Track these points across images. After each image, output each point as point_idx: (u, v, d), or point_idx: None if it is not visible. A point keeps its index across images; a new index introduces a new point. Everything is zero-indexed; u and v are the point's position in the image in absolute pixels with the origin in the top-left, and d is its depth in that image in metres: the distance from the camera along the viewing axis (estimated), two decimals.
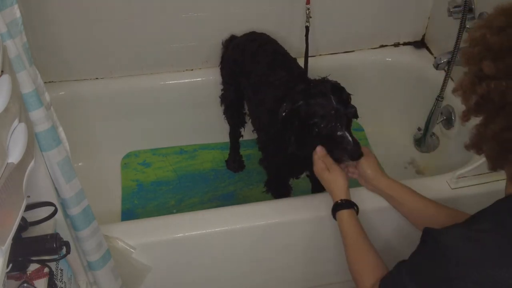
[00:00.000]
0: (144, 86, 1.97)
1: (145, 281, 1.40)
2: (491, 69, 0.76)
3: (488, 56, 0.78)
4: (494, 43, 0.77)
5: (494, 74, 0.76)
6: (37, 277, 1.02)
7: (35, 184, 1.02)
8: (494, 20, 0.79)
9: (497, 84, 0.75)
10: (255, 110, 1.63)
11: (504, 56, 0.76)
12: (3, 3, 0.84)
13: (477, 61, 0.80)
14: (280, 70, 1.54)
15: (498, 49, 0.76)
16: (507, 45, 0.76)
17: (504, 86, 0.75)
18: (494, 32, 0.78)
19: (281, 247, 1.48)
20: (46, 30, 1.77)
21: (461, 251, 0.77)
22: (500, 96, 0.76)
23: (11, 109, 0.80)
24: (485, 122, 0.81)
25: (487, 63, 0.77)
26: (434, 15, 2.00)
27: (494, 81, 0.76)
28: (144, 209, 1.94)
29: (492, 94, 0.77)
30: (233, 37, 1.87)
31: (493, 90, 0.76)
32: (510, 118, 0.76)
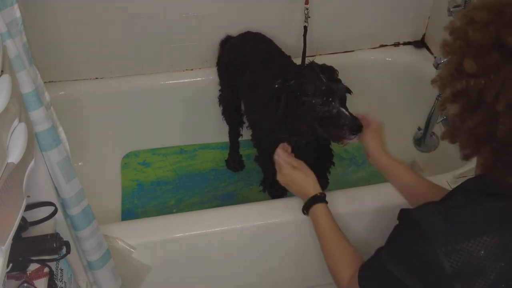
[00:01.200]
0: (144, 86, 1.97)
1: (145, 281, 1.40)
2: (473, 67, 0.76)
3: (469, 53, 0.78)
4: (476, 39, 0.76)
5: (474, 72, 0.76)
6: (37, 277, 1.02)
7: (35, 184, 1.02)
8: (477, 14, 0.78)
9: (476, 82, 0.76)
10: (250, 107, 1.64)
11: (484, 53, 0.75)
12: (3, 3, 0.84)
13: (458, 56, 0.80)
14: (274, 67, 1.55)
15: (479, 46, 0.76)
16: (488, 42, 0.75)
17: (482, 84, 0.75)
18: (477, 27, 0.77)
19: (281, 246, 1.48)
20: (46, 30, 1.77)
21: (431, 225, 0.80)
22: (477, 93, 0.76)
23: (11, 109, 0.80)
24: (461, 117, 0.81)
25: (469, 61, 0.76)
26: (434, 15, 2.00)
27: (473, 79, 0.76)
28: (144, 209, 1.94)
29: (470, 91, 0.77)
30: (228, 37, 1.88)
31: (471, 87, 0.77)
32: (486, 116, 0.76)
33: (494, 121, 0.75)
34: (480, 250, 0.76)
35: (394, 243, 0.88)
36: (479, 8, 0.79)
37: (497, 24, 0.75)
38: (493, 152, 0.77)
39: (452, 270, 0.76)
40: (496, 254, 0.76)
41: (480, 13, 0.77)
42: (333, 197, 1.34)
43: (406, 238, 0.84)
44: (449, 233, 0.78)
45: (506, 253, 0.77)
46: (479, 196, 0.82)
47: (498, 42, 0.74)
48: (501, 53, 0.74)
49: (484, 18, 0.77)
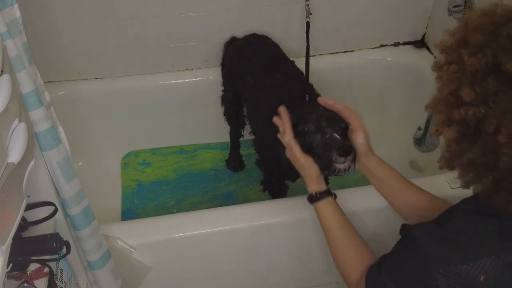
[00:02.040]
0: (144, 86, 1.97)
1: (145, 281, 1.40)
2: (470, 96, 0.73)
3: (465, 80, 0.74)
4: (472, 65, 0.73)
5: (472, 100, 0.73)
6: (37, 277, 1.02)
7: (35, 184, 1.02)
8: (471, 36, 0.74)
9: (475, 111, 0.72)
10: (252, 113, 1.63)
11: (481, 80, 0.72)
12: (3, 3, 0.84)
13: (452, 82, 0.77)
14: (276, 73, 1.54)
15: (475, 72, 0.73)
16: (484, 67, 0.72)
17: (482, 113, 0.72)
18: (472, 52, 0.73)
19: (281, 246, 1.48)
20: (46, 30, 1.77)
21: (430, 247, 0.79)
22: (477, 123, 0.73)
23: (11, 109, 0.80)
24: (459, 144, 0.78)
25: (466, 90, 0.73)
26: (434, 15, 2.00)
27: (472, 108, 0.73)
28: (144, 209, 1.94)
29: (469, 120, 0.74)
30: (233, 38, 1.87)
31: (470, 117, 0.73)
32: (487, 147, 0.73)
33: (495, 152, 0.72)
34: (479, 275, 0.75)
35: (394, 261, 0.88)
36: (473, 29, 0.75)
37: (493, 49, 0.72)
38: (494, 181, 0.75)
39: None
40: (496, 279, 0.75)
41: (474, 35, 0.74)
42: None
43: (405, 258, 0.84)
44: (447, 256, 0.78)
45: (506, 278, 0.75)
46: (476, 217, 0.80)
47: (495, 67, 0.71)
48: (499, 80, 0.71)
49: (478, 41, 0.73)
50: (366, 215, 1.41)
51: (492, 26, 0.74)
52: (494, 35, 0.73)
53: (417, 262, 0.80)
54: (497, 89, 0.71)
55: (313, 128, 1.19)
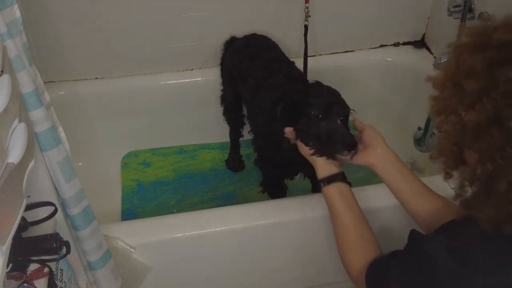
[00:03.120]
0: (144, 86, 1.97)
1: (145, 281, 1.40)
2: (475, 158, 0.68)
3: (467, 137, 0.68)
4: (471, 120, 0.66)
5: (477, 160, 0.68)
6: (37, 277, 1.02)
7: (35, 184, 1.02)
8: (465, 84, 0.67)
9: (483, 170, 0.67)
10: (253, 113, 1.63)
11: (483, 133, 0.66)
12: (3, 3, 0.84)
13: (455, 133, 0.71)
14: (277, 74, 1.54)
15: (477, 127, 0.67)
16: (485, 120, 0.65)
17: (490, 170, 0.67)
18: (468, 105, 0.67)
19: (281, 246, 1.48)
20: (46, 30, 1.77)
21: (442, 262, 0.76)
22: (487, 179, 0.68)
23: (11, 109, 0.80)
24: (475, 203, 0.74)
25: (469, 153, 0.68)
26: (434, 15, 2.00)
27: (480, 166, 0.68)
28: (144, 209, 1.94)
29: (479, 176, 0.69)
30: (233, 38, 1.87)
31: (479, 175, 0.69)
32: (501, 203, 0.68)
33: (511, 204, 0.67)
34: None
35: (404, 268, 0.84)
36: (466, 73, 0.68)
37: (493, 99, 0.64)
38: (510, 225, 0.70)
39: None
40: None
41: (469, 82, 0.67)
42: None
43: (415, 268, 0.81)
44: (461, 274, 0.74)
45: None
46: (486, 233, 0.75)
47: (497, 119, 0.65)
48: (504, 133, 0.65)
49: (475, 89, 0.66)
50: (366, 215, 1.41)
51: (487, 68, 0.66)
52: (491, 80, 0.65)
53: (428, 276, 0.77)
54: (503, 143, 0.65)
55: (319, 113, 1.21)
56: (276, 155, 1.46)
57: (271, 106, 1.36)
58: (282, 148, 1.35)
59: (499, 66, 0.64)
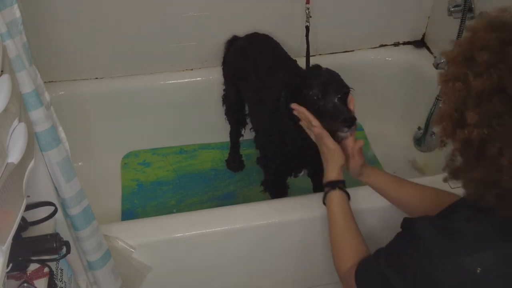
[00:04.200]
0: (144, 86, 1.97)
1: (145, 281, 1.40)
2: (474, 119, 0.73)
3: (470, 101, 0.74)
4: (477, 86, 0.73)
5: (476, 122, 0.73)
6: (37, 277, 1.02)
7: (35, 184, 1.02)
8: (477, 56, 0.74)
9: (478, 133, 0.73)
10: (255, 110, 1.63)
11: (485, 99, 0.72)
12: (3, 3, 0.84)
13: (458, 99, 0.77)
14: (279, 73, 1.55)
15: (480, 93, 0.73)
16: (489, 88, 0.72)
17: (485, 134, 0.72)
18: (477, 72, 0.73)
19: (281, 246, 1.48)
20: (46, 30, 1.77)
21: (431, 241, 0.81)
22: (480, 143, 0.74)
23: (11, 109, 0.80)
24: (464, 165, 0.79)
25: (471, 114, 0.73)
26: (434, 15, 2.00)
27: (476, 129, 0.73)
28: (144, 209, 1.94)
29: (473, 140, 0.74)
30: (235, 37, 1.87)
31: (474, 137, 0.74)
32: (490, 168, 0.74)
33: (498, 171, 0.73)
34: (476, 267, 0.76)
35: (394, 252, 0.89)
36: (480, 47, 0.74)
37: (500, 70, 0.71)
38: (497, 196, 0.75)
39: (448, 284, 0.78)
40: (493, 272, 0.76)
41: (481, 54, 0.73)
42: None
43: (406, 251, 0.85)
44: (448, 250, 0.79)
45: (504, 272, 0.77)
46: (476, 213, 0.81)
47: (500, 88, 0.71)
48: (504, 102, 0.71)
49: (485, 61, 0.72)
50: (365, 214, 1.41)
51: (499, 44, 0.72)
52: (502, 55, 0.72)
53: (418, 256, 0.82)
54: (502, 111, 0.71)
55: (317, 94, 1.23)
56: (280, 150, 1.46)
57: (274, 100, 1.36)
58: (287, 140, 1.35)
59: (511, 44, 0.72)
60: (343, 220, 1.15)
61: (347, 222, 1.15)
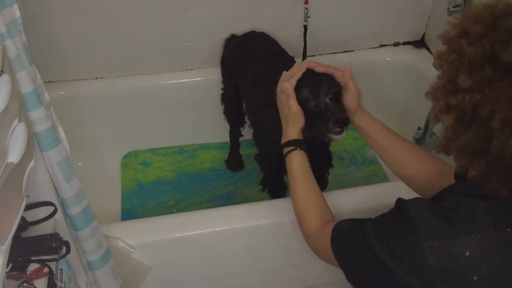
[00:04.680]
0: (144, 86, 1.97)
1: (145, 281, 1.40)
2: (467, 83, 0.76)
3: (463, 68, 0.78)
4: (470, 53, 0.77)
5: (468, 86, 0.76)
6: (37, 277, 1.02)
7: (35, 184, 1.02)
8: (471, 27, 0.78)
9: (471, 97, 0.76)
10: (251, 106, 1.64)
11: (478, 67, 0.76)
12: (3, 3, 0.84)
13: (452, 70, 0.80)
14: (276, 67, 1.55)
15: (473, 60, 0.76)
16: (482, 56, 0.75)
17: (477, 100, 0.75)
18: (470, 41, 0.77)
19: (281, 246, 1.48)
20: (46, 30, 1.77)
21: (422, 219, 0.83)
22: (472, 109, 0.76)
23: (11, 108, 0.80)
24: (455, 130, 0.81)
25: (463, 77, 0.77)
26: (434, 15, 2.00)
27: (468, 94, 0.76)
28: (144, 209, 1.94)
29: (465, 106, 0.77)
30: (233, 36, 1.88)
31: (466, 102, 0.77)
32: (480, 132, 0.77)
33: (488, 137, 0.75)
34: (465, 250, 0.78)
35: (384, 225, 0.90)
36: (473, 21, 0.79)
37: (491, 39, 0.75)
38: (487, 165, 0.78)
39: (435, 265, 0.79)
40: (481, 255, 0.77)
41: (474, 26, 0.78)
42: (334, 196, 1.34)
43: (396, 226, 0.87)
44: (437, 229, 0.81)
45: (493, 255, 0.78)
46: (468, 198, 0.83)
47: (492, 56, 0.75)
48: (494, 68, 0.74)
49: (478, 32, 0.77)
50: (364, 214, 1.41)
51: (491, 18, 0.77)
52: (493, 26, 0.76)
53: (407, 232, 0.83)
54: (492, 76, 0.74)
55: (308, 95, 1.22)
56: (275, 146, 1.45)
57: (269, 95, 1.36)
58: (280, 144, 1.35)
59: (502, 18, 0.76)
60: (305, 179, 1.16)
61: (309, 181, 1.16)
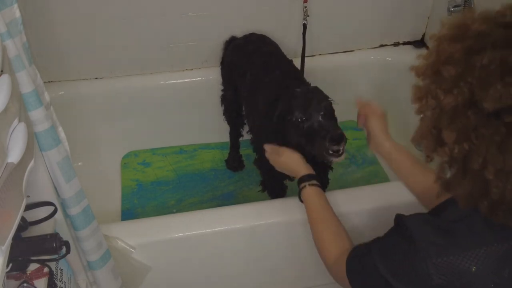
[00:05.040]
0: (144, 86, 1.97)
1: (145, 281, 1.40)
2: (452, 138, 0.71)
3: (444, 119, 0.72)
4: (448, 103, 0.71)
5: (454, 139, 0.72)
6: (37, 277, 1.02)
7: (35, 184, 1.02)
8: (443, 70, 0.72)
9: (459, 149, 0.71)
10: (250, 111, 1.64)
11: (460, 115, 0.70)
12: (3, 3, 0.84)
13: (433, 117, 0.75)
14: (274, 71, 1.55)
15: (454, 109, 0.71)
16: (462, 103, 0.70)
17: (466, 150, 0.71)
18: (446, 89, 0.71)
19: (281, 246, 1.48)
20: (46, 30, 1.77)
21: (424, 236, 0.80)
22: (463, 160, 0.72)
23: (11, 108, 0.80)
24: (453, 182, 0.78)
25: (447, 133, 0.72)
26: (434, 15, 2.00)
27: (456, 146, 0.71)
28: (144, 209, 1.94)
29: (455, 157, 0.73)
30: (233, 38, 1.88)
31: (456, 154, 0.72)
32: (476, 182, 0.73)
33: (486, 185, 0.71)
34: (471, 265, 0.75)
35: (386, 245, 0.89)
36: (445, 60, 0.72)
37: (469, 83, 0.69)
38: (490, 207, 0.74)
39: (440, 283, 0.76)
40: (488, 270, 0.75)
41: (447, 68, 0.71)
42: (334, 196, 1.34)
43: (398, 245, 0.85)
44: (440, 245, 0.78)
45: (500, 270, 0.75)
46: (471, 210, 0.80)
47: (472, 102, 0.69)
48: (478, 115, 0.69)
49: (452, 75, 0.71)
50: (364, 214, 1.41)
51: (464, 55, 0.70)
52: (468, 67, 0.69)
53: (409, 251, 0.81)
54: (477, 124, 0.69)
55: (300, 116, 1.23)
56: None
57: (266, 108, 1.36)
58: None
59: (476, 54, 0.69)
60: (322, 211, 1.17)
61: (326, 212, 1.16)
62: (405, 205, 1.42)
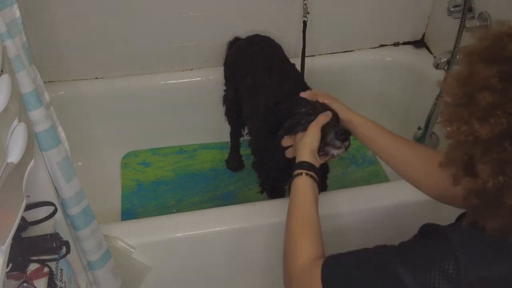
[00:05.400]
0: (144, 86, 1.97)
1: (145, 281, 1.41)
2: (486, 171, 0.66)
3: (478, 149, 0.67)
4: (484, 134, 0.65)
5: (489, 172, 0.66)
6: (37, 277, 1.02)
7: (35, 184, 1.02)
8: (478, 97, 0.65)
9: (494, 182, 0.65)
10: (250, 113, 1.64)
11: (495, 145, 0.64)
12: (3, 3, 0.84)
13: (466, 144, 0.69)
14: (276, 75, 1.54)
15: (489, 140, 0.65)
16: (498, 134, 0.64)
17: (501, 183, 0.65)
18: (482, 118, 0.65)
19: (281, 246, 1.48)
20: (46, 30, 1.77)
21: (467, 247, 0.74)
22: (497, 192, 0.67)
23: (11, 108, 0.80)
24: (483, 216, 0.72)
25: (481, 166, 0.66)
26: (434, 15, 2.00)
27: (490, 179, 0.66)
28: (144, 208, 1.94)
29: (488, 190, 0.67)
30: (236, 39, 1.87)
31: (489, 187, 0.67)
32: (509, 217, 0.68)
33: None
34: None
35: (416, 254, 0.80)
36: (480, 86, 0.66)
37: (507, 113, 0.63)
38: None
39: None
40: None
41: (483, 95, 0.65)
42: (334, 196, 1.34)
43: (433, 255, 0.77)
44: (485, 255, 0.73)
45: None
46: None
47: (510, 132, 0.63)
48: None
49: (489, 102, 0.64)
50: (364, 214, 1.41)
51: (500, 82, 0.65)
52: (505, 94, 0.64)
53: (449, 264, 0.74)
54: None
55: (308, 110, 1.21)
56: (271, 159, 1.45)
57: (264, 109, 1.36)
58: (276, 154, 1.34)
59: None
60: (309, 209, 1.04)
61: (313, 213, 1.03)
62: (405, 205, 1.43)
